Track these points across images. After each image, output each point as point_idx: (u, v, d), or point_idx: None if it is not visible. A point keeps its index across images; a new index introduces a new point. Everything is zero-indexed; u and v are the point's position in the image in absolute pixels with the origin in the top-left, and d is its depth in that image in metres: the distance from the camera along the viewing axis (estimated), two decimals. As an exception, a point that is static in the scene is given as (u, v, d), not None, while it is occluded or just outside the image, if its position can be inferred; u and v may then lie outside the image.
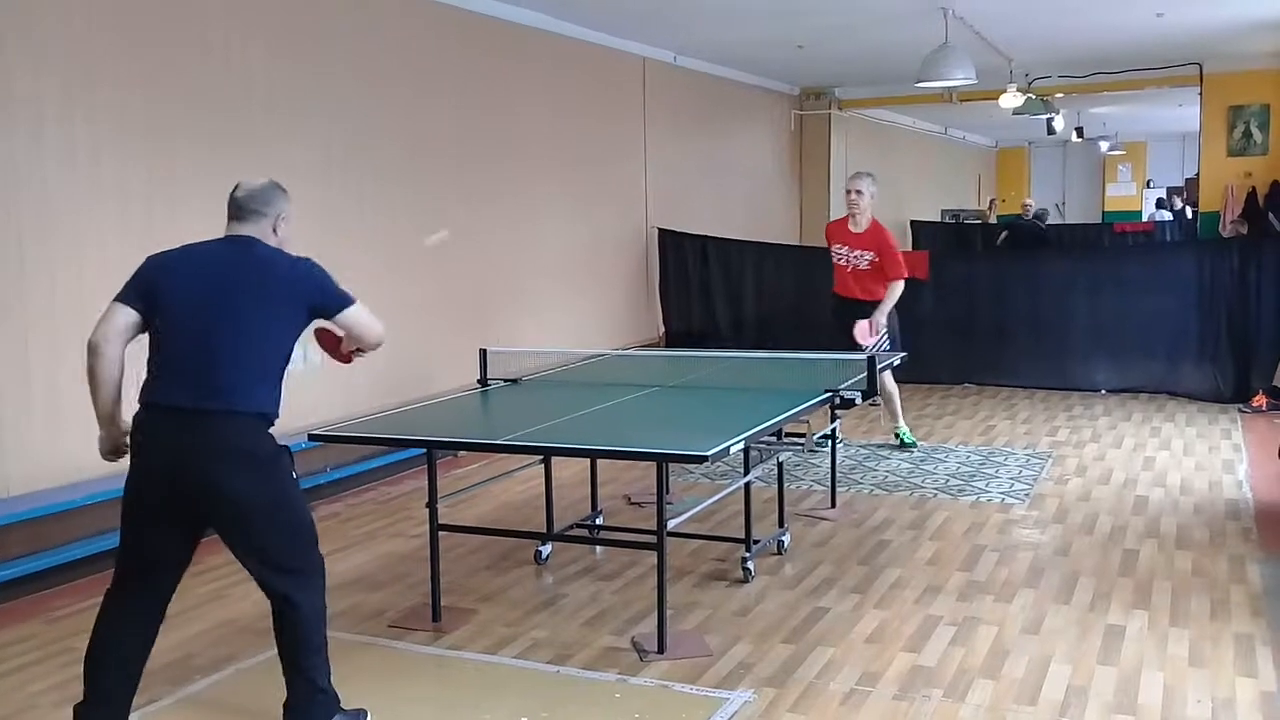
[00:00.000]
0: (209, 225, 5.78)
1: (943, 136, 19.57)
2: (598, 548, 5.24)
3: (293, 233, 3.37)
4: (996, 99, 11.81)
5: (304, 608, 3.22)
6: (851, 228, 7.16)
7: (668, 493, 4.12)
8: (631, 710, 3.53)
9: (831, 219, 13.69)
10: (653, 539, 4.08)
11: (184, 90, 5.85)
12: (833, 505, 5.91)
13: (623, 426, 4.48)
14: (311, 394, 6.60)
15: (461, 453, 6.74)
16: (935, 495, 6.17)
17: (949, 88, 10.75)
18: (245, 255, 3.21)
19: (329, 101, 6.75)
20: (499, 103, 8.34)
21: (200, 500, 3.11)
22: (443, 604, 4.40)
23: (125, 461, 5.69)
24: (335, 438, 4.44)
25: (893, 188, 16.86)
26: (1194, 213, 14.78)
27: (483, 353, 5.36)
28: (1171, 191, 21.47)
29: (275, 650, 3.31)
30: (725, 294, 10.76)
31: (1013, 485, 6.36)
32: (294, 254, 3.30)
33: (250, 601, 4.63)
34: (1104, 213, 23.20)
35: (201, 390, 3.07)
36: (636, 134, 10.40)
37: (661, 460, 4.00)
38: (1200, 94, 12.18)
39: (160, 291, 3.17)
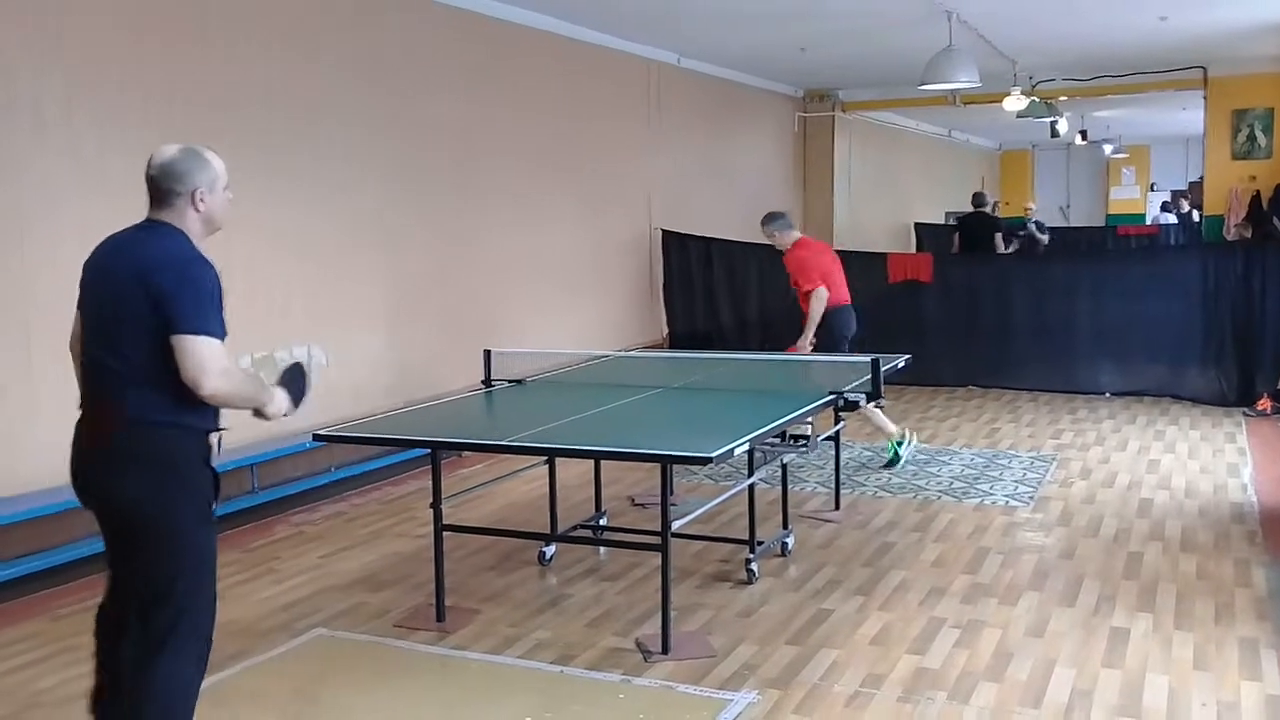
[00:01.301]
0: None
1: (946, 139, 19.56)
2: (602, 549, 5.24)
3: (220, 203, 3.01)
4: (1000, 102, 11.79)
5: (153, 654, 2.82)
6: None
7: (672, 494, 4.12)
8: (635, 711, 3.53)
9: (835, 223, 13.80)
10: (657, 540, 4.08)
11: (188, 88, 5.85)
12: (837, 507, 5.91)
13: (627, 428, 4.48)
14: (316, 395, 6.60)
15: (466, 453, 6.74)
16: (939, 498, 6.17)
17: (953, 90, 10.75)
18: (134, 247, 2.92)
19: (335, 102, 6.76)
20: (505, 104, 8.34)
21: (102, 510, 2.93)
22: (447, 604, 4.40)
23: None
24: (340, 438, 4.45)
25: (896, 190, 16.90)
26: (1199, 216, 14.77)
27: (487, 353, 5.37)
28: (1176, 195, 21.45)
29: (277, 649, 3.29)
30: (729, 296, 10.75)
31: (1017, 488, 6.35)
32: (196, 253, 2.91)
33: (252, 601, 4.65)
34: (1108, 216, 23.18)
35: (89, 396, 2.92)
36: (641, 136, 10.41)
37: (666, 462, 4.00)
38: (1204, 97, 12.17)
39: (80, 288, 3.01)
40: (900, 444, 6.92)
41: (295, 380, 3.17)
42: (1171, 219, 19.81)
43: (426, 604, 4.48)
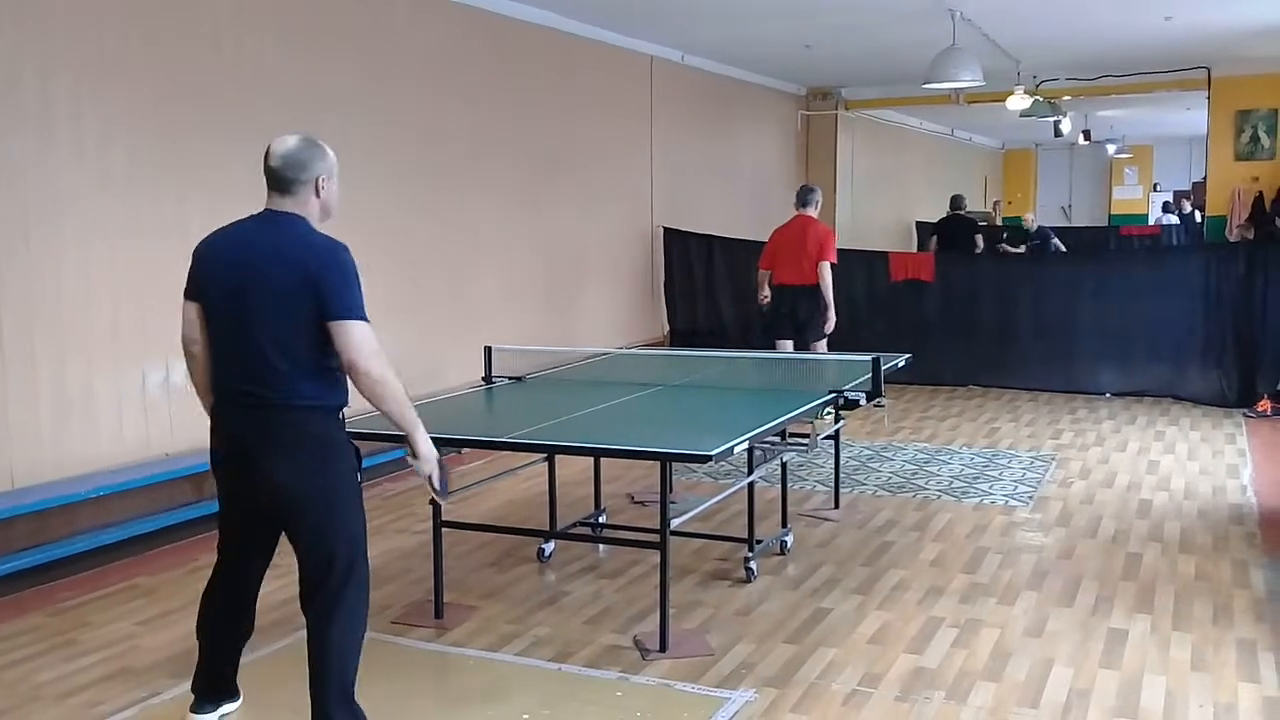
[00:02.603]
0: (218, 220, 5.77)
1: (949, 138, 19.55)
2: (601, 546, 5.24)
3: (336, 191, 3.15)
4: (1004, 101, 11.80)
5: (332, 607, 3.09)
6: None
7: (671, 492, 4.12)
8: (633, 709, 3.54)
9: (837, 221, 13.78)
10: (656, 538, 4.09)
11: (195, 85, 5.86)
12: (836, 506, 5.91)
13: (627, 425, 4.48)
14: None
15: (465, 450, 6.73)
16: (939, 497, 6.17)
17: (956, 89, 10.73)
18: (273, 237, 3.04)
19: (340, 98, 6.76)
20: (507, 100, 8.34)
21: (256, 486, 3.09)
22: (445, 601, 4.41)
23: (127, 455, 5.73)
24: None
25: (899, 189, 16.89)
26: (1201, 217, 14.76)
27: (487, 350, 5.37)
28: (1179, 195, 21.43)
29: (277, 644, 3.32)
30: (730, 293, 10.75)
31: (1016, 488, 6.35)
32: (330, 236, 3.09)
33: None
34: (1110, 216, 23.16)
35: (250, 381, 3.03)
36: (643, 133, 10.40)
37: (665, 459, 4.00)
38: (1208, 98, 12.16)
39: (201, 281, 3.13)
40: None
41: (444, 470, 3.29)
42: (1173, 219, 19.79)
43: (425, 600, 4.48)
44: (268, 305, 2.98)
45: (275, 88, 6.33)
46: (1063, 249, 14.96)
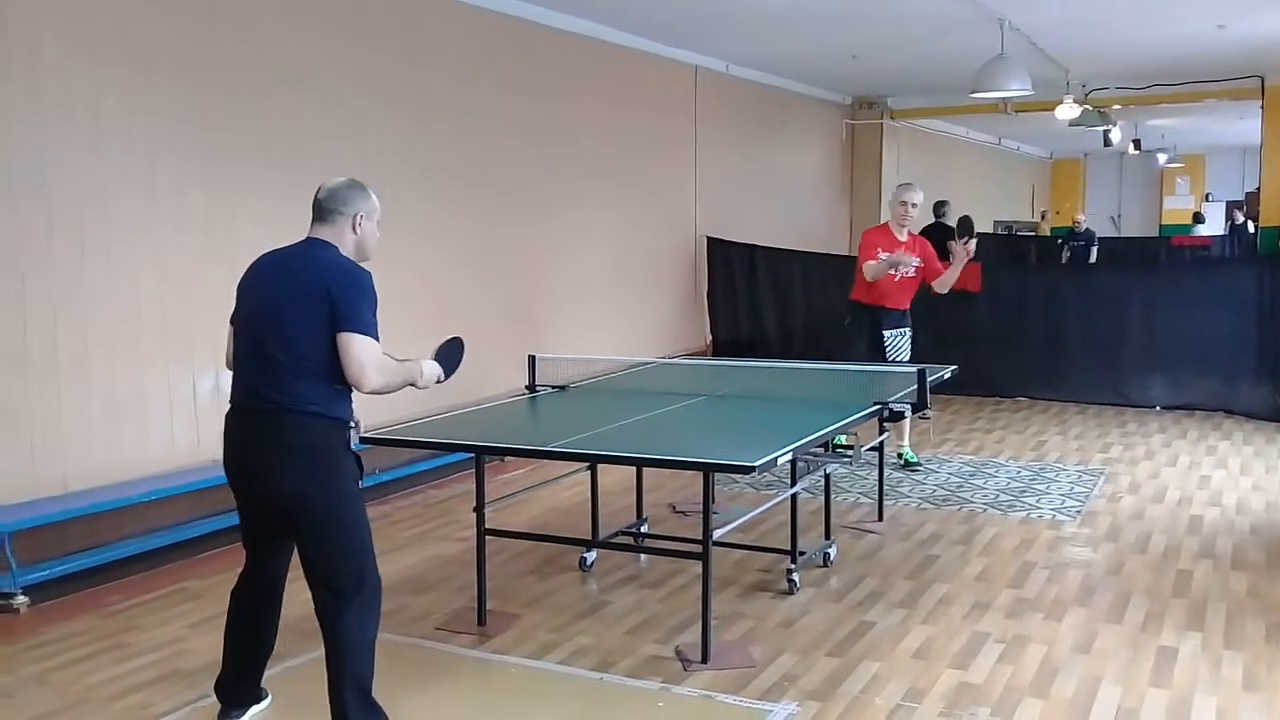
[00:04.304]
0: (264, 225, 5.86)
1: (996, 147, 19.37)
2: (642, 555, 5.24)
3: (372, 233, 3.36)
4: (1052, 110, 11.67)
5: (339, 611, 3.21)
6: (900, 236, 7.03)
7: (713, 502, 4.11)
8: (675, 719, 3.53)
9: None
10: (698, 548, 4.07)
11: (243, 94, 5.94)
12: (880, 518, 5.87)
13: (669, 435, 4.47)
14: (362, 397, 6.67)
15: (508, 458, 6.78)
16: (985, 510, 6.10)
17: (1004, 98, 10.64)
18: (303, 257, 3.26)
19: (381, 101, 6.83)
20: (551, 108, 8.38)
21: (261, 494, 3.24)
22: (488, 608, 4.43)
23: (178, 460, 5.82)
24: (384, 440, 4.48)
25: (945, 198, 16.74)
26: (1254, 227, 14.50)
27: (531, 359, 5.39)
28: (1232, 205, 21.10)
29: (320, 650, 3.34)
30: (773, 303, 10.72)
31: (1064, 502, 6.27)
32: (359, 265, 3.28)
33: (296, 602, 4.69)
34: (1161, 226, 22.83)
35: (256, 392, 3.21)
36: (687, 142, 10.41)
37: (708, 470, 3.99)
38: (1262, 107, 11.95)
39: (238, 300, 3.36)
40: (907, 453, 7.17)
41: (453, 352, 3.60)
42: (1202, 229, 19.58)
43: (468, 607, 4.51)
44: (288, 316, 3.17)
45: (314, 86, 6.40)
46: (1092, 259, 14.89)
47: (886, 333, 6.92)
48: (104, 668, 4.02)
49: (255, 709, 3.53)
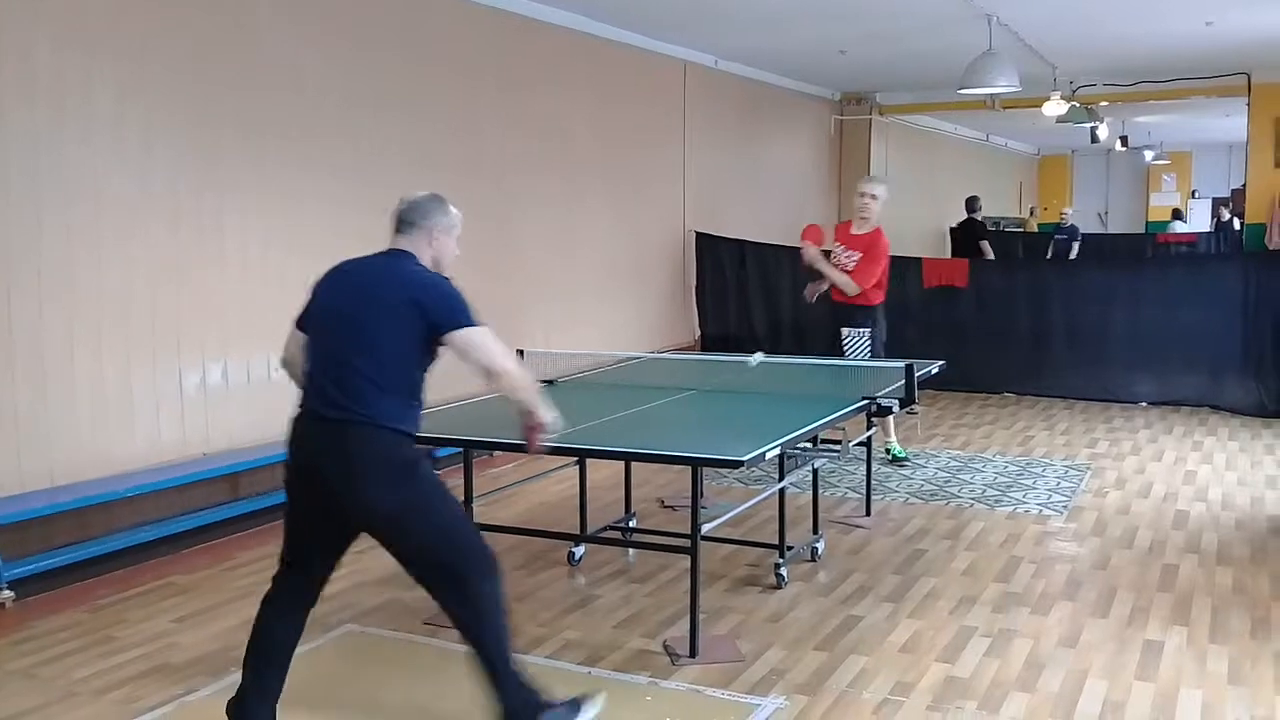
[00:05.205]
0: (254, 220, 5.84)
1: (984, 143, 19.42)
2: (631, 550, 5.25)
3: (449, 248, 3.39)
4: (1040, 107, 11.70)
5: (454, 609, 3.23)
6: (854, 229, 6.86)
7: (701, 497, 4.11)
8: (662, 713, 3.54)
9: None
10: (686, 543, 4.08)
11: (233, 86, 5.92)
12: (867, 513, 5.89)
13: (658, 430, 4.48)
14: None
15: (496, 453, 6.77)
16: (971, 505, 6.13)
17: (992, 95, 10.66)
18: (389, 269, 3.27)
19: (372, 96, 6.81)
20: (539, 103, 8.37)
21: (333, 503, 3.17)
22: (476, 603, 4.42)
23: (164, 455, 5.80)
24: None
25: (933, 194, 16.78)
26: (1240, 224, 14.58)
27: (519, 353, 5.38)
28: (1217, 202, 21.19)
29: (309, 644, 3.34)
30: (762, 298, 10.73)
31: (1050, 497, 6.30)
32: (439, 272, 3.31)
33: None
34: (1147, 223, 22.92)
35: (333, 399, 3.14)
36: (676, 137, 10.41)
37: (696, 464, 4.00)
38: (1248, 104, 12.00)
39: (312, 305, 3.32)
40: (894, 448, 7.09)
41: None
42: (1181, 226, 19.68)
43: (456, 602, 4.50)
44: (371, 327, 3.15)
45: (308, 80, 6.39)
46: (1073, 255, 15.02)
47: (844, 330, 6.84)
48: (90, 662, 4.01)
49: None
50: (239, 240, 6.02)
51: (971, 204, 13.65)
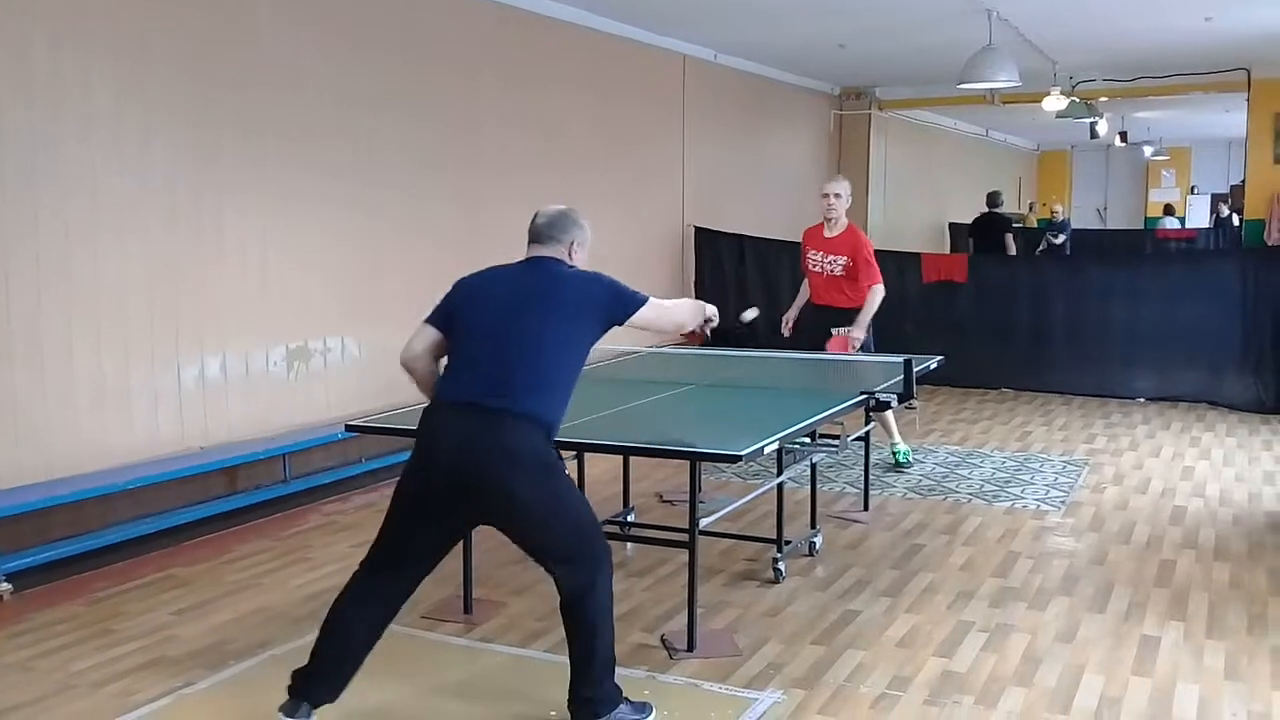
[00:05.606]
0: (252, 217, 5.84)
1: (984, 138, 19.40)
2: (629, 545, 5.24)
3: (584, 263, 3.50)
4: (1039, 102, 11.70)
5: (580, 598, 3.27)
6: (826, 233, 6.76)
7: (700, 491, 4.12)
8: (660, 707, 3.54)
9: (870, 222, 13.71)
10: (684, 537, 4.08)
11: (231, 83, 5.91)
12: (865, 508, 5.89)
13: (656, 424, 4.48)
14: (349, 386, 6.67)
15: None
16: (970, 500, 6.13)
17: (992, 90, 10.66)
18: (542, 271, 3.39)
19: (371, 93, 6.81)
20: (539, 97, 8.36)
21: (476, 493, 3.17)
22: (474, 596, 4.43)
23: (162, 447, 5.79)
24: (371, 429, 4.48)
25: (932, 189, 16.78)
26: (1239, 220, 14.58)
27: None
28: (1217, 198, 21.19)
29: (308, 637, 3.34)
30: (761, 293, 10.71)
31: (1048, 492, 6.30)
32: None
33: (284, 590, 4.70)
34: (1146, 219, 22.92)
35: (492, 390, 3.18)
36: (675, 132, 10.40)
37: (695, 459, 4.00)
38: (1247, 100, 12.00)
39: (460, 309, 3.40)
40: (900, 451, 6.92)
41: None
42: (1173, 222, 19.67)
43: (454, 596, 4.51)
44: (535, 326, 3.24)
45: (304, 77, 6.38)
46: (1058, 244, 15.13)
47: (834, 330, 6.68)
48: (88, 655, 4.01)
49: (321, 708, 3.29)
50: (237, 237, 6.01)
51: (994, 199, 13.66)
